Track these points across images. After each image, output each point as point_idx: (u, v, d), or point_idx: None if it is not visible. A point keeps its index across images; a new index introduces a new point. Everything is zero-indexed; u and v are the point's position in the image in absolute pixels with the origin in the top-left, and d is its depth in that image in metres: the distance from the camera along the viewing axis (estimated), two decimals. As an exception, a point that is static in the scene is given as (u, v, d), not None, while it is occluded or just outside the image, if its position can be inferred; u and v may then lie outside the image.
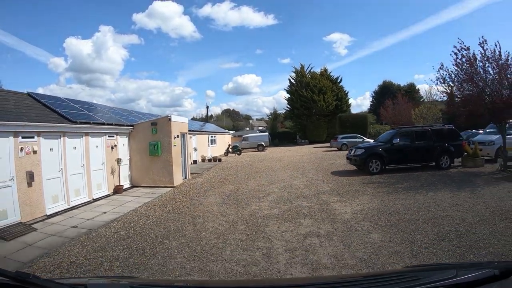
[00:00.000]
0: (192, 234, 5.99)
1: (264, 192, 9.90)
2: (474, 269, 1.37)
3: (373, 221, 6.26)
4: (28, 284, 1.17)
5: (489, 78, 11.18)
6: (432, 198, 7.86)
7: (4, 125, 7.27)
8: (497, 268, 1.23)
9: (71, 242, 6.04)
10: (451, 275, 1.24)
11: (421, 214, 6.51)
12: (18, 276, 1.19)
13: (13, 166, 7.45)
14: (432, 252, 4.59)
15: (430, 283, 1.22)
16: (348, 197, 8.52)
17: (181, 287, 1.92)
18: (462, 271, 1.30)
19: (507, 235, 5.06)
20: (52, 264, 4.89)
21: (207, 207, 8.24)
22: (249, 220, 6.76)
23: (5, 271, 1.19)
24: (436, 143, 12.84)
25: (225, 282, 3.33)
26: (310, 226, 6.17)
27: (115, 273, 4.48)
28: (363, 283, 1.47)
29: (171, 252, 5.09)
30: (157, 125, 12.03)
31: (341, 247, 4.94)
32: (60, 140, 9.06)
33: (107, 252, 5.29)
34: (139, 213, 8.05)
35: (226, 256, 4.81)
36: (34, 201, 7.99)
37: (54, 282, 1.37)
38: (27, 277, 1.18)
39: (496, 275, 1.19)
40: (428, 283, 1.23)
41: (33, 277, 1.20)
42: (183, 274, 4.25)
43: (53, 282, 1.35)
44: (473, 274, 1.23)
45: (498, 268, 1.23)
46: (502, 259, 4.21)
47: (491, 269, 1.23)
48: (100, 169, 10.72)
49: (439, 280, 1.24)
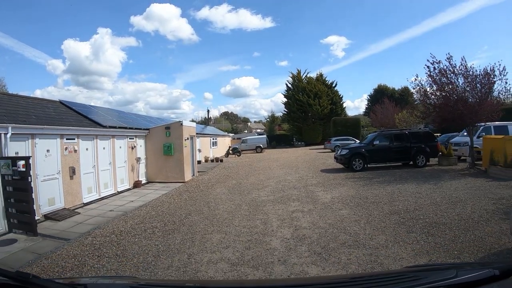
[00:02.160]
0: (208, 212, 7.90)
1: (262, 185, 11.84)
2: (474, 269, 1.41)
3: (345, 203, 8.20)
4: (28, 284, 1.18)
5: (456, 89, 13.07)
6: (399, 189, 9.75)
7: (54, 129, 9.12)
8: (497, 268, 1.24)
9: (114, 220, 7.88)
10: (451, 275, 1.25)
11: (384, 199, 8.42)
12: (18, 276, 1.20)
13: (59, 162, 9.27)
14: (382, 220, 6.50)
15: (430, 283, 1.23)
16: (330, 188, 10.46)
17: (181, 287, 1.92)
18: (462, 271, 1.32)
19: (444, 211, 6.91)
20: (105, 233, 6.72)
21: (216, 195, 10.15)
22: (251, 203, 8.70)
23: (5, 271, 1.21)
24: (413, 144, 14.76)
25: (225, 282, 3.39)
26: (297, 206, 8.12)
27: (156, 236, 6.34)
28: (362, 283, 1.49)
29: (195, 222, 7.00)
30: (170, 129, 13.94)
31: (317, 217, 6.89)
32: (94, 141, 10.91)
33: (146, 224, 7.17)
34: (161, 201, 9.91)
35: (235, 223, 6.74)
36: (74, 191, 9.82)
37: (54, 282, 1.40)
38: (27, 277, 1.19)
39: (496, 275, 1.20)
40: (428, 283, 1.24)
41: (33, 277, 1.21)
42: (206, 233, 6.16)
43: (53, 282, 1.38)
44: (473, 274, 1.25)
45: (498, 268, 1.24)
46: (434, 226, 6.02)
47: (491, 269, 1.24)
48: (123, 167, 12.59)
49: (439, 280, 1.25)
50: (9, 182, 7.04)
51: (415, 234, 5.56)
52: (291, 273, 4.21)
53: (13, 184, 7.03)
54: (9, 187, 7.07)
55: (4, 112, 8.17)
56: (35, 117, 9.25)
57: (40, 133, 8.58)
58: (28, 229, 6.94)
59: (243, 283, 2.63)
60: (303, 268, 4.36)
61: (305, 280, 2.65)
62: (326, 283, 1.58)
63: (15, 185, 7.00)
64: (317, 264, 4.47)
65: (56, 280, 1.46)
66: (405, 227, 5.96)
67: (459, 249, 4.76)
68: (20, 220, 7.05)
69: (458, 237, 5.29)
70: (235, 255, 4.98)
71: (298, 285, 1.71)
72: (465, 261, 4.33)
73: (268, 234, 5.94)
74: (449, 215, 6.59)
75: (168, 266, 4.68)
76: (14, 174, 6.94)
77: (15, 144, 7.67)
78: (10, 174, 6.98)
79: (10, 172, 6.96)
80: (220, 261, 4.74)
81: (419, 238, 5.35)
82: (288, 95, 48.15)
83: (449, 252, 4.69)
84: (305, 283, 1.85)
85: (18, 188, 6.98)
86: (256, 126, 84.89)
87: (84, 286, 1.44)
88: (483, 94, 12.63)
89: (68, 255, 5.39)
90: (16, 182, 6.97)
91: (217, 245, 5.48)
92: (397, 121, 24.06)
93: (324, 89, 45.56)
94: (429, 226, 5.98)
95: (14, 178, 6.97)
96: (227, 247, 5.37)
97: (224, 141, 35.10)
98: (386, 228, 5.97)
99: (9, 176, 7.01)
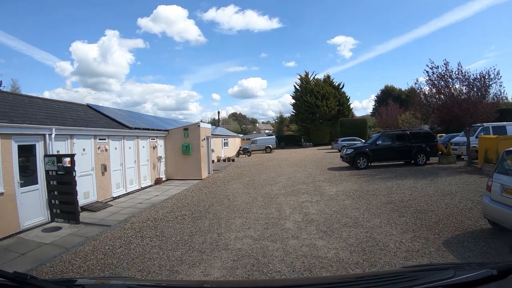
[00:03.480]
0: (229, 203, 9.07)
1: (274, 181, 12.97)
2: (472, 269, 1.44)
3: (349, 195, 9.29)
4: (25, 285, 1.19)
5: (453, 92, 14.05)
6: (397, 184, 10.78)
7: (89, 130, 10.34)
8: (495, 268, 1.25)
9: (145, 210, 9.07)
10: (449, 275, 1.27)
11: (383, 192, 9.49)
12: (16, 276, 1.20)
13: (93, 160, 10.50)
14: (379, 208, 7.59)
15: (428, 283, 1.25)
16: (336, 183, 11.55)
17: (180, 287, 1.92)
18: (460, 271, 1.33)
19: (434, 202, 7.94)
20: (141, 220, 7.89)
21: (233, 190, 11.32)
22: (265, 196, 9.85)
23: (2, 272, 1.21)
24: (414, 144, 15.73)
25: (225, 282, 3.42)
26: (306, 197, 9.25)
27: (185, 222, 7.50)
28: (361, 283, 1.49)
29: (218, 211, 8.17)
30: (189, 130, 15.17)
31: (324, 206, 8.01)
32: (121, 141, 12.15)
33: (176, 213, 8.35)
34: (183, 195, 11.10)
35: (253, 211, 7.90)
36: (105, 186, 11.05)
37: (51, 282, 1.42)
38: (25, 278, 1.20)
39: (494, 275, 1.21)
40: (426, 283, 1.25)
41: (30, 277, 1.21)
42: (230, 218, 7.33)
43: (50, 283, 1.39)
44: (471, 274, 1.27)
45: (496, 268, 1.25)
46: (423, 213, 7.06)
47: (489, 269, 1.25)
48: (145, 165, 13.83)
49: (437, 280, 1.26)
50: (53, 177, 8.20)
51: (405, 218, 6.64)
52: (302, 245, 5.34)
53: (57, 179, 8.18)
54: (53, 181, 8.22)
55: (45, 115, 9.43)
56: (72, 120, 10.52)
57: (78, 133, 9.80)
58: (70, 218, 8.11)
59: (242, 283, 2.64)
60: (311, 241, 5.49)
61: (304, 280, 2.66)
62: (326, 283, 1.61)
63: (59, 179, 8.15)
64: (323, 239, 5.60)
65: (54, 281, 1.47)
66: (397, 213, 7.05)
67: (440, 229, 5.83)
68: (62, 210, 8.19)
69: (441, 220, 6.35)
70: (256, 233, 6.14)
71: (298, 285, 1.71)
72: (464, 261, 4.40)
73: (282, 219, 7.10)
74: (438, 204, 7.64)
75: (202, 242, 5.84)
76: (58, 170, 8.11)
77: (57, 143, 8.85)
78: (55, 170, 8.15)
79: (55, 168, 8.14)
80: (245, 238, 5.90)
81: (408, 221, 6.43)
82: (296, 97, 49.26)
83: (431, 230, 5.77)
84: (305, 283, 1.85)
85: (62, 182, 8.13)
86: (264, 127, 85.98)
87: (81, 286, 1.46)
88: (478, 97, 13.57)
89: (114, 237, 6.56)
90: (60, 176, 8.12)
91: (241, 227, 6.63)
92: (400, 122, 24.99)
93: (332, 90, 46.56)
94: (419, 212, 7.05)
95: (58, 173, 8.13)
96: (249, 228, 6.52)
97: (234, 141, 36.31)
98: (382, 214, 7.07)
99: (53, 172, 8.18)
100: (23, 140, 7.77)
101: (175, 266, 4.76)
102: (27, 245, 6.34)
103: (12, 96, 10.26)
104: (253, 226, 6.66)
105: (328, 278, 3.15)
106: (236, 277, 4.25)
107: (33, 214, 7.85)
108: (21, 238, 6.88)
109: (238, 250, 5.27)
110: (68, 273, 4.72)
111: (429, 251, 4.81)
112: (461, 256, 4.59)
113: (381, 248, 5.03)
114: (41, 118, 8.99)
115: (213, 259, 4.95)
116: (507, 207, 4.97)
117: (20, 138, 7.67)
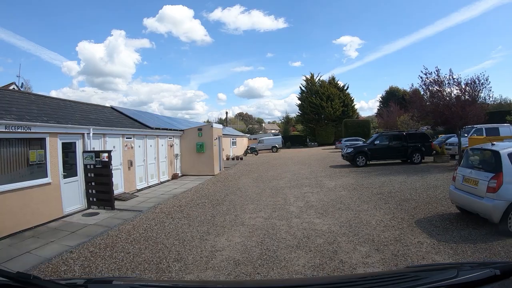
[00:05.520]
0: (241, 194, 10.52)
1: (280, 177, 14.40)
2: (475, 269, 1.42)
3: (345, 188, 10.69)
4: (29, 285, 1.19)
5: (443, 96, 15.32)
6: (390, 179, 12.11)
7: (119, 130, 11.81)
8: (498, 268, 1.26)
9: (169, 199, 10.51)
10: (452, 275, 1.28)
11: (375, 185, 10.84)
12: (19, 277, 1.20)
13: (121, 156, 11.97)
14: (369, 197, 8.96)
15: (431, 283, 1.25)
16: (335, 178, 12.95)
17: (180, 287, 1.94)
18: (463, 271, 1.34)
19: (418, 193, 9.25)
20: (168, 206, 9.34)
21: (244, 184, 12.77)
22: (272, 188, 11.29)
23: (5, 272, 1.21)
24: (410, 144, 17.00)
25: (225, 282, 3.45)
26: (308, 189, 10.67)
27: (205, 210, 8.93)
28: (364, 283, 1.50)
29: (233, 199, 9.62)
30: (202, 130, 16.66)
31: (323, 196, 9.43)
32: (144, 140, 13.63)
33: (197, 201, 9.80)
34: (200, 188, 12.55)
35: (263, 199, 9.35)
36: (130, 180, 12.52)
37: (54, 282, 1.41)
38: (28, 278, 1.20)
39: (497, 275, 1.22)
40: (429, 283, 1.26)
41: (33, 277, 1.21)
42: (243, 204, 8.78)
43: (53, 283, 1.39)
44: (474, 274, 1.27)
45: (499, 268, 1.26)
46: (405, 201, 8.41)
47: (492, 269, 1.25)
48: (163, 161, 15.32)
49: (440, 280, 1.27)
50: (90, 170, 9.65)
51: (389, 204, 8.03)
52: (303, 222, 6.78)
53: (94, 171, 9.62)
54: (91, 173, 9.66)
55: (80, 117, 10.92)
56: (103, 121, 12.02)
57: (109, 133, 11.27)
58: (106, 205, 9.55)
59: (242, 283, 2.64)
60: (310, 219, 6.93)
61: (304, 280, 2.67)
62: (326, 283, 1.61)
63: (96, 172, 9.57)
64: (320, 218, 7.02)
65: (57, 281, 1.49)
66: (383, 201, 8.43)
67: (416, 212, 7.21)
68: (98, 198, 9.62)
69: (419, 206, 7.71)
70: (266, 214, 7.59)
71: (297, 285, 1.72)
72: (466, 260, 4.46)
73: (287, 205, 8.54)
74: (420, 195, 8.99)
75: (222, 221, 7.27)
76: (96, 164, 9.56)
77: (93, 141, 10.32)
78: (93, 164, 9.60)
79: (92, 162, 9.60)
80: (257, 218, 7.33)
81: (391, 206, 7.82)
82: (302, 98, 50.69)
83: (408, 213, 7.16)
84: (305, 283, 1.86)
85: (99, 174, 9.55)
86: (270, 127, 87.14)
87: (85, 286, 1.46)
88: (468, 101, 14.80)
89: (148, 218, 8.00)
90: (97, 169, 9.55)
91: (253, 210, 8.09)
92: (399, 124, 26.25)
93: (336, 92, 47.89)
94: (402, 201, 8.42)
95: (96, 166, 9.58)
96: (259, 211, 7.97)
97: (242, 141, 37.82)
98: (370, 201, 8.47)
99: (90, 165, 9.63)
100: (66, 138, 9.21)
101: (204, 236, 6.20)
102: (73, 226, 7.76)
103: (49, 99, 11.74)
104: (263, 209, 8.11)
105: (331, 278, 3.20)
106: (252, 242, 5.67)
107: (72, 202, 9.29)
108: (66, 221, 8.27)
109: (252, 225, 6.72)
110: (116, 243, 6.12)
111: (402, 227, 6.19)
112: (426, 229, 5.96)
113: (364, 224, 6.43)
114: (78, 119, 10.50)
115: (233, 231, 6.39)
116: (466, 193, 6.34)
117: (64, 137, 9.11)
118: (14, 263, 5.20)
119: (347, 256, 4.84)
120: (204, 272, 4.51)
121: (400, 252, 4.92)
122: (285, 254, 5.02)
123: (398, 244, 5.25)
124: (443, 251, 4.90)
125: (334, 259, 4.74)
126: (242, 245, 5.57)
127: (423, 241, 5.36)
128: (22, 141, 7.74)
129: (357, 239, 5.61)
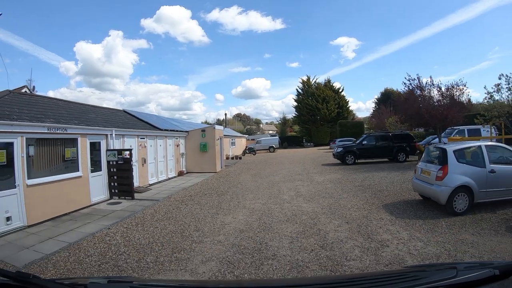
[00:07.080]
0: (242, 187, 12.16)
1: (276, 173, 16.06)
2: (474, 269, 1.43)
3: (332, 181, 12.34)
4: (28, 284, 1.20)
5: (423, 101, 17.00)
6: (373, 175, 13.72)
7: (135, 131, 13.39)
8: (497, 268, 1.26)
9: (179, 191, 12.08)
10: (451, 275, 1.28)
11: (358, 179, 12.48)
12: (19, 276, 1.22)
13: (137, 154, 13.51)
14: (350, 189, 10.60)
15: (431, 283, 1.26)
16: (324, 174, 14.61)
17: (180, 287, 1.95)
18: (462, 271, 1.34)
19: (393, 186, 10.84)
20: (180, 196, 10.92)
21: (244, 179, 14.40)
22: (269, 182, 12.94)
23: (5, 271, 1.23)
24: (395, 144, 18.61)
25: (225, 282, 3.49)
26: (300, 183, 12.34)
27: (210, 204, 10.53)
28: (363, 283, 1.51)
29: (235, 191, 11.25)
30: (205, 131, 18.29)
31: (311, 188, 11.10)
32: (155, 140, 15.20)
33: (204, 192, 11.40)
34: (205, 182, 14.15)
35: (261, 191, 11.01)
36: (144, 175, 14.08)
37: (54, 282, 1.43)
38: (28, 277, 1.21)
39: (496, 275, 1.22)
40: (429, 283, 1.27)
41: (33, 277, 1.22)
42: (244, 194, 10.40)
43: (53, 282, 1.41)
44: (473, 274, 1.28)
45: (498, 268, 1.27)
46: (380, 191, 10.04)
47: (491, 269, 1.26)
48: (171, 159, 16.91)
49: (440, 280, 1.28)
50: (113, 165, 11.18)
51: (366, 194, 9.68)
52: (293, 206, 8.43)
53: (116, 167, 11.14)
54: (113, 168, 11.20)
55: (102, 120, 12.49)
56: (121, 123, 13.59)
57: (127, 134, 12.83)
58: (126, 195, 11.09)
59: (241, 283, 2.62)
60: (299, 204, 8.60)
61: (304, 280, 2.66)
62: (326, 283, 1.61)
63: (118, 167, 11.08)
64: (307, 203, 8.68)
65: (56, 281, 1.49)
66: (362, 191, 10.08)
67: (385, 199, 8.85)
68: (120, 190, 11.15)
69: (390, 195, 9.34)
70: (263, 201, 9.24)
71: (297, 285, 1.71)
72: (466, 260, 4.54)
73: (281, 194, 10.21)
74: (394, 187, 10.62)
75: (228, 205, 8.89)
76: (118, 160, 11.10)
77: (114, 141, 11.88)
78: (115, 160, 11.13)
79: (115, 158, 11.14)
80: (256, 203, 8.97)
81: (367, 195, 9.46)
82: (299, 100, 52.43)
83: (379, 199, 8.80)
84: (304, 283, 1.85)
85: (121, 169, 11.07)
86: (268, 128, 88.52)
87: (84, 286, 1.44)
88: (446, 104, 16.43)
89: (165, 205, 9.59)
90: (119, 165, 11.06)
91: (252, 198, 9.73)
92: (387, 125, 27.94)
93: (332, 94, 49.64)
94: (377, 191, 10.04)
95: (118, 162, 11.13)
96: (258, 199, 9.62)
97: (241, 141, 39.42)
98: (350, 191, 10.13)
99: (113, 162, 11.15)
100: (93, 138, 10.76)
101: (214, 215, 7.83)
102: (103, 212, 9.31)
103: (72, 104, 13.27)
104: (261, 197, 9.76)
105: (329, 278, 3.25)
106: (252, 219, 7.30)
107: (98, 193, 10.84)
108: (95, 208, 9.82)
109: (252, 208, 8.38)
110: (145, 222, 7.67)
111: (371, 208, 7.84)
112: (389, 210, 7.60)
113: (341, 207, 8.10)
114: (101, 121, 12.07)
115: (237, 212, 8.04)
116: (422, 182, 8.00)
117: (92, 137, 10.66)
118: (65, 237, 6.67)
119: (323, 226, 6.49)
120: (218, 237, 6.14)
121: (364, 224, 6.57)
122: (277, 225, 6.68)
123: (364, 219, 6.90)
124: (397, 224, 6.54)
125: (313, 227, 6.40)
126: (244, 220, 7.22)
127: (384, 217, 7.00)
128: (59, 140, 9.28)
129: (333, 216, 7.27)
